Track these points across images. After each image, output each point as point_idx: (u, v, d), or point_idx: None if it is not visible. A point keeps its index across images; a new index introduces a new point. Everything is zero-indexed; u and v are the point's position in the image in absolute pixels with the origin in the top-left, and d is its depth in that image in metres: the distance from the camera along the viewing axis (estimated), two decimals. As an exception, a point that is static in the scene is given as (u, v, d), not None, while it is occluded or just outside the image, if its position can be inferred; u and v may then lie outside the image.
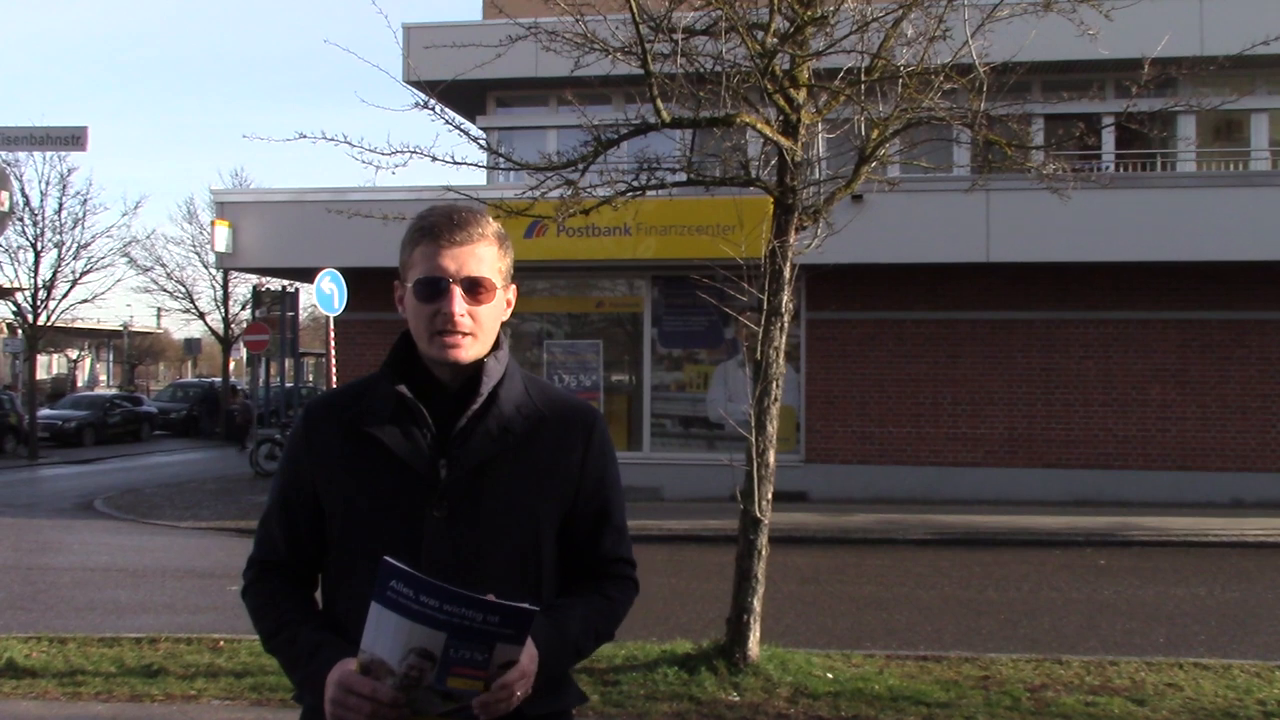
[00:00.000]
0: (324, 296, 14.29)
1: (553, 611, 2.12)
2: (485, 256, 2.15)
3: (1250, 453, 16.66)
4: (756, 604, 7.14)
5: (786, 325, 7.42)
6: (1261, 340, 16.62)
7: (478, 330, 2.14)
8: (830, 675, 6.99)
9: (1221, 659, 7.71)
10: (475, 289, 2.13)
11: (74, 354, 56.83)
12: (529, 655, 1.93)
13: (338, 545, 2.16)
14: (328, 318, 15.17)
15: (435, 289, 2.11)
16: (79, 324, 40.49)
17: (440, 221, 2.14)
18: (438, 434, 2.14)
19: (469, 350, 2.13)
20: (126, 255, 34.26)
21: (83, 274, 28.48)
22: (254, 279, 27.75)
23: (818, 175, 8.32)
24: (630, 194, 7.67)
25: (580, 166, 7.46)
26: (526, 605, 1.84)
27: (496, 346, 2.21)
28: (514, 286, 2.27)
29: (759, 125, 7.15)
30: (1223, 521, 14.66)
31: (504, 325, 2.24)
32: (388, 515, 2.10)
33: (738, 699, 6.57)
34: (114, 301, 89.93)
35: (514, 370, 2.23)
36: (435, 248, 2.12)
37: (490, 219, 2.20)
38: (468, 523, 2.10)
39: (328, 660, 1.97)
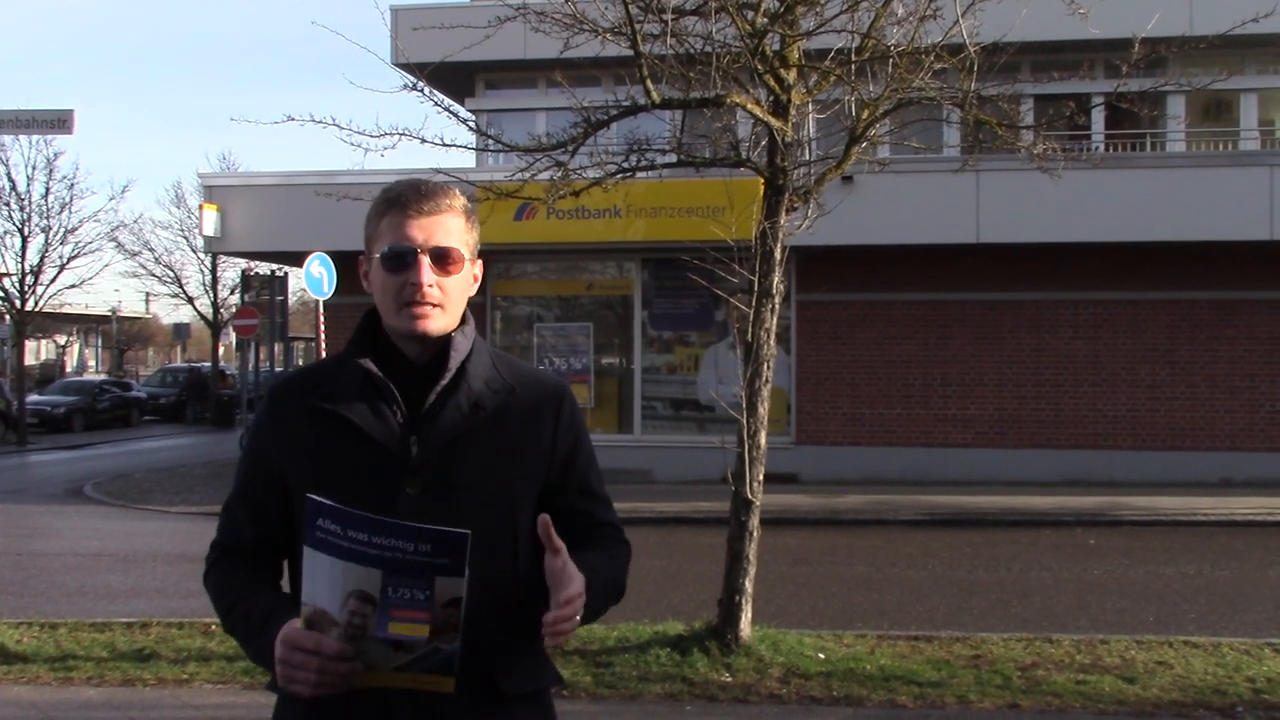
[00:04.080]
0: (313, 280, 14.25)
1: (579, 557, 2.06)
2: (453, 228, 2.12)
3: (1239, 432, 16.72)
4: (748, 585, 7.15)
5: (777, 307, 7.41)
6: (1250, 320, 16.66)
7: (446, 302, 2.11)
8: (822, 655, 7.01)
9: (1211, 637, 7.75)
10: (444, 260, 2.10)
11: (62, 339, 56.65)
12: (578, 578, 1.93)
13: None
14: (317, 302, 15.13)
15: (403, 260, 2.08)
16: (67, 309, 40.33)
17: (407, 192, 2.11)
18: (407, 411, 2.11)
19: (437, 321, 2.10)
20: (114, 240, 34.22)
21: (70, 259, 28.33)
22: (243, 263, 27.68)
23: (808, 156, 8.31)
24: (620, 175, 7.65)
25: (570, 148, 7.45)
26: (457, 530, 1.79)
27: (464, 322, 2.18)
28: (480, 262, 2.24)
29: (749, 106, 7.13)
30: (1212, 501, 14.73)
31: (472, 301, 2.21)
32: (360, 494, 2.04)
33: (730, 679, 6.58)
34: (102, 286, 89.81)
35: (481, 346, 2.21)
36: (402, 218, 2.09)
37: (457, 191, 2.17)
38: (442, 499, 2.07)
39: (279, 625, 1.92)
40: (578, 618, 1.92)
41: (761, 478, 7.34)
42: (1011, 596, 9.70)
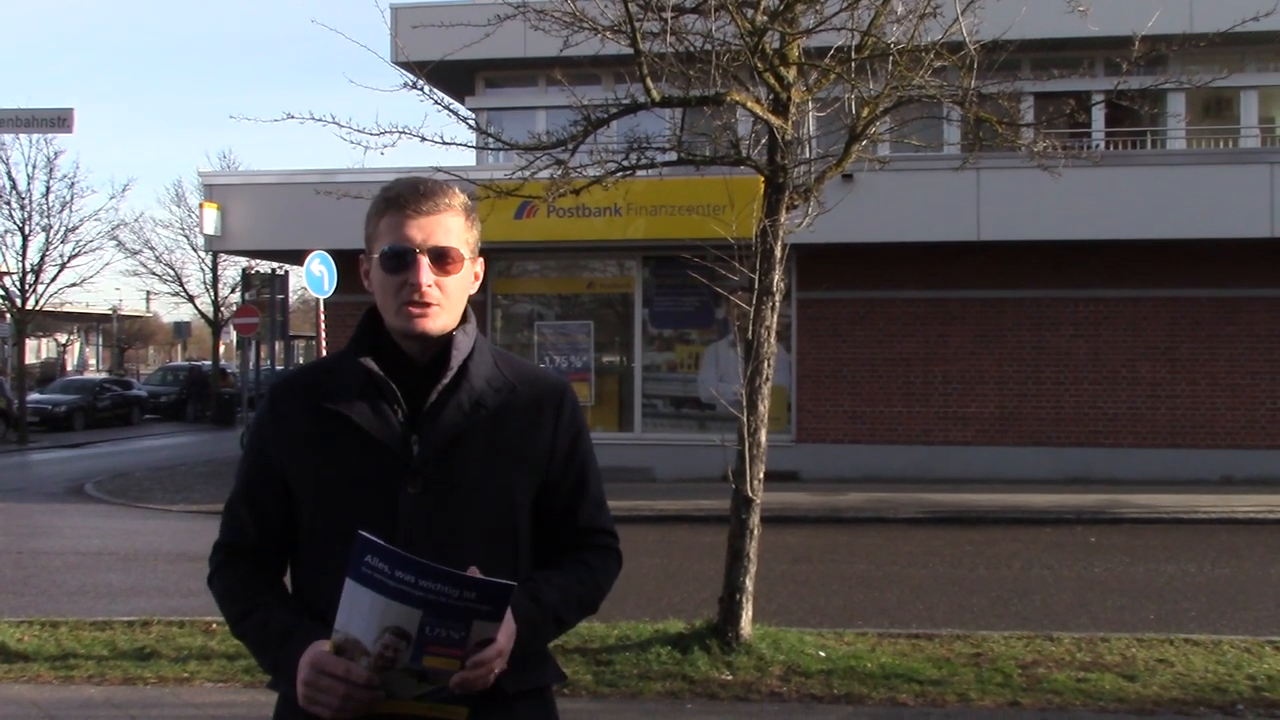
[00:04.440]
0: (314, 279, 14.24)
1: (530, 584, 2.09)
2: (452, 227, 2.11)
3: (1239, 429, 16.71)
4: (749, 583, 7.15)
5: (777, 305, 7.41)
6: (1250, 318, 16.66)
7: (445, 301, 2.10)
8: (823, 653, 7.01)
9: (1212, 635, 7.75)
10: (443, 259, 2.09)
11: (63, 338, 56.66)
12: (506, 632, 1.90)
13: (309, 527, 2.12)
14: (318, 300, 15.13)
15: (402, 260, 2.07)
16: (68, 308, 40.35)
17: (406, 191, 2.11)
18: (408, 410, 2.11)
19: (437, 321, 2.10)
20: (115, 238, 34.21)
21: (71, 258, 28.39)
22: (243, 261, 27.67)
23: (808, 154, 8.30)
24: (620, 174, 7.65)
25: (570, 146, 7.44)
26: (504, 580, 1.81)
27: (464, 320, 2.18)
28: (481, 260, 2.23)
29: (749, 104, 7.13)
30: (1212, 498, 14.73)
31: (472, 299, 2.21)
32: (361, 494, 2.06)
33: (731, 678, 6.58)
34: (103, 285, 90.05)
35: (482, 344, 2.20)
36: (401, 218, 2.09)
37: (457, 190, 2.16)
38: (442, 498, 2.07)
39: (301, 643, 1.93)
40: (490, 677, 1.89)
41: (762, 476, 7.34)
42: (1012, 594, 9.70)
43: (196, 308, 38.25)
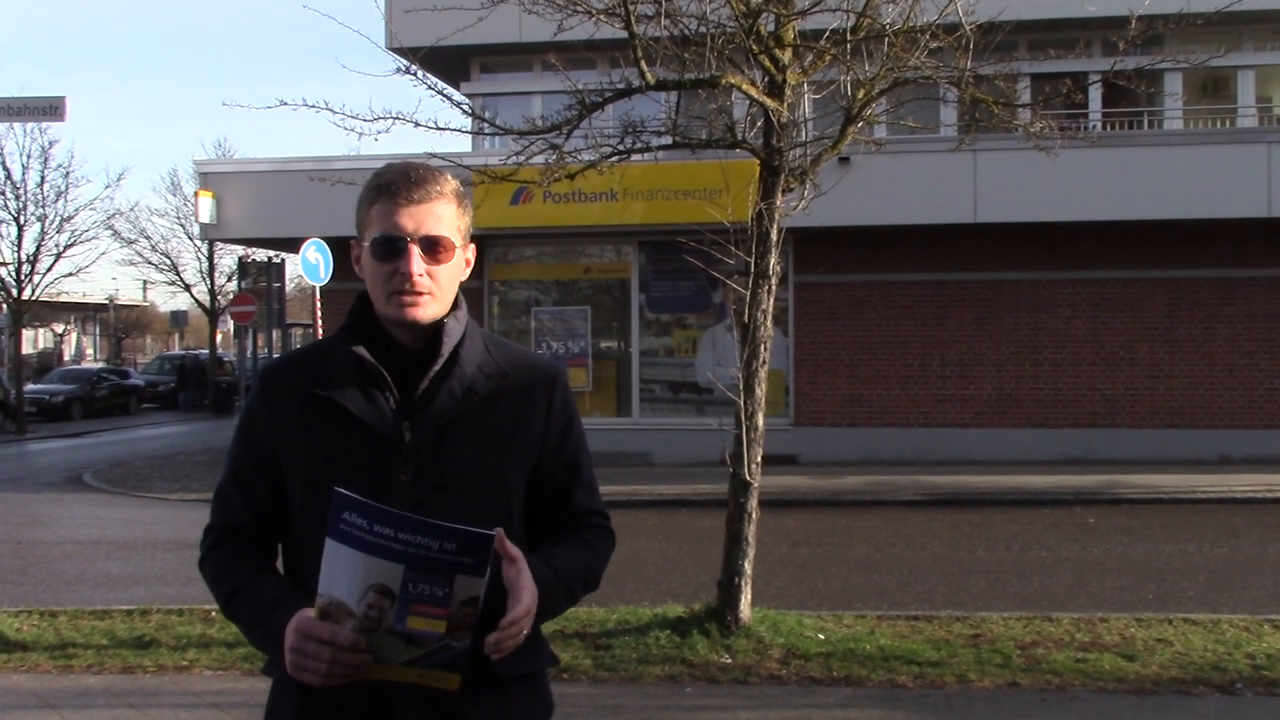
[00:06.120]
0: (310, 266, 14.21)
1: (543, 553, 2.10)
2: (444, 215, 2.10)
3: (1237, 410, 16.72)
4: (747, 567, 7.15)
5: (774, 288, 7.39)
6: (1248, 298, 16.65)
7: (436, 290, 2.09)
8: (822, 636, 7.01)
9: (1210, 614, 7.76)
10: (434, 248, 2.08)
11: (60, 328, 56.63)
12: (529, 591, 1.91)
13: (301, 513, 2.12)
14: (314, 288, 15.10)
15: (393, 248, 2.06)
16: (64, 298, 40.28)
17: (397, 179, 2.09)
18: (400, 397, 2.10)
19: (427, 310, 2.09)
20: (110, 228, 34.17)
21: (67, 247, 28.33)
22: (239, 250, 27.64)
23: (804, 137, 8.27)
24: (615, 158, 7.62)
25: (565, 130, 7.41)
26: (483, 530, 1.80)
27: (455, 306, 2.17)
28: (472, 246, 2.22)
29: (744, 86, 7.10)
30: (1211, 478, 14.74)
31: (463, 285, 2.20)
32: (353, 480, 2.02)
33: (730, 661, 6.59)
34: (99, 275, 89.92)
35: (474, 330, 2.19)
36: (392, 206, 2.07)
37: (449, 176, 2.15)
38: (434, 485, 2.07)
39: (288, 613, 1.92)
40: (521, 635, 1.91)
41: (760, 459, 7.34)
42: (1011, 575, 9.71)
43: (193, 296, 38.13)
